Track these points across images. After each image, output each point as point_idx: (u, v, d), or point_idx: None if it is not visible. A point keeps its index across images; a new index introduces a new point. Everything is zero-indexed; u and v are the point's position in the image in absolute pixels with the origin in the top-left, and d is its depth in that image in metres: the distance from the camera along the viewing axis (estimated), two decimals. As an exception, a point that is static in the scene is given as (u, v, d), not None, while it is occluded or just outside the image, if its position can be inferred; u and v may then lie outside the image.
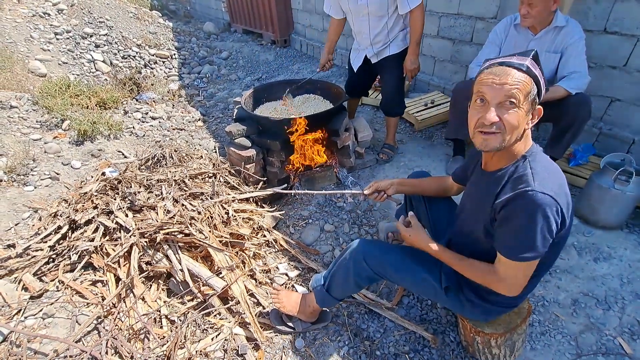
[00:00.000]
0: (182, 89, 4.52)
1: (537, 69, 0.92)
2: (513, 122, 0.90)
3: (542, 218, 0.88)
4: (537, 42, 1.91)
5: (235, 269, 1.66)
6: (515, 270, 0.97)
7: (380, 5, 1.98)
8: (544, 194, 0.87)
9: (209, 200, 1.88)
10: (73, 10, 5.35)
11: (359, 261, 1.24)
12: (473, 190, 1.17)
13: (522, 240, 0.92)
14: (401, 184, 1.46)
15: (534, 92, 0.91)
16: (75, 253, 1.77)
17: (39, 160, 2.73)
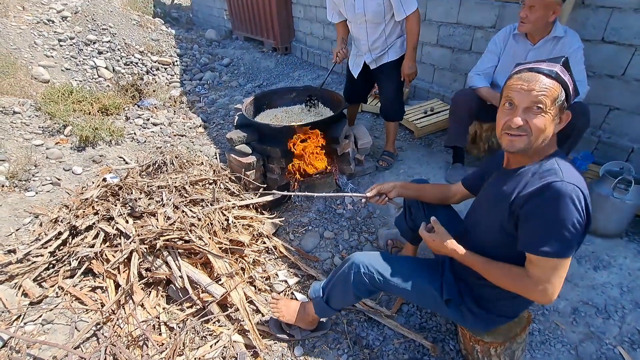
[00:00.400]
0: (184, 96, 4.56)
1: (567, 75, 0.93)
2: (540, 125, 0.92)
3: (574, 209, 0.85)
4: (536, 52, 1.92)
5: (234, 276, 1.66)
6: (549, 270, 0.91)
7: (377, 12, 2.03)
8: (573, 185, 0.86)
9: (209, 206, 1.88)
10: (77, 17, 5.41)
11: (359, 275, 1.22)
12: (489, 192, 1.14)
13: (553, 234, 0.87)
14: (403, 188, 1.46)
15: (561, 97, 0.92)
16: (76, 259, 1.77)
17: (41, 166, 2.75)
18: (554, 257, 0.89)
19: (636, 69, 2.03)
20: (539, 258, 0.91)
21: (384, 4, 2.00)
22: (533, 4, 1.74)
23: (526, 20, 1.80)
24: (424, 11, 3.09)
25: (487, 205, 1.13)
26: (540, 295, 0.94)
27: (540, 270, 0.92)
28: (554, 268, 0.91)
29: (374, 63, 2.28)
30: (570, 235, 0.87)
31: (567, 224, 0.86)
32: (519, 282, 0.97)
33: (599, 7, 2.07)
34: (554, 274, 0.91)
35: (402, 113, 2.47)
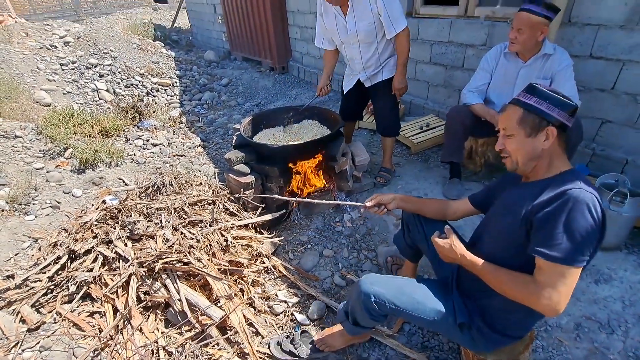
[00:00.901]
0: (183, 116, 4.62)
1: (532, 98, 1.00)
2: (511, 147, 1.06)
3: (589, 216, 0.86)
4: (527, 70, 1.97)
5: (233, 298, 1.65)
6: (557, 277, 0.88)
7: (369, 32, 2.08)
8: (592, 194, 0.88)
9: (208, 227, 1.89)
10: (79, 42, 5.55)
11: (369, 303, 1.20)
12: (503, 202, 1.15)
13: (566, 240, 0.87)
14: (403, 200, 1.47)
15: (528, 117, 1.00)
16: (74, 284, 1.76)
17: (41, 189, 2.76)
18: (563, 263, 0.88)
19: (625, 82, 2.08)
20: (548, 264, 0.90)
21: (374, 23, 2.06)
22: (520, 27, 1.81)
23: (515, 41, 1.86)
24: (417, 31, 3.18)
25: (500, 215, 1.13)
26: (546, 303, 0.90)
27: (548, 277, 0.90)
28: (562, 275, 0.88)
29: (368, 81, 2.33)
30: (582, 243, 0.86)
31: (581, 230, 0.86)
32: (525, 288, 0.94)
33: (585, 24, 2.14)
34: (562, 282, 0.89)
35: (398, 128, 2.51)
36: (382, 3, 1.95)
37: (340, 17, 2.10)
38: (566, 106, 0.98)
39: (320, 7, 2.19)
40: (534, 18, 1.75)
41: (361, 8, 2.01)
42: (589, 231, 0.86)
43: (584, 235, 0.86)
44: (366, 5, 1.99)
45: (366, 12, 2.01)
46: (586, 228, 0.86)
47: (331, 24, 2.18)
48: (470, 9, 2.78)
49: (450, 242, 1.15)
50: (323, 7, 2.17)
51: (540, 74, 1.95)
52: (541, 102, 0.99)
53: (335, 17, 2.13)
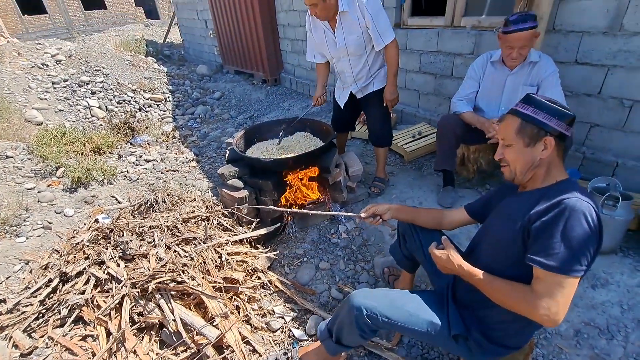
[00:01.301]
0: (176, 130, 4.62)
1: (529, 108, 1.01)
2: (510, 156, 1.07)
3: (586, 226, 0.86)
4: (514, 77, 2.01)
5: (229, 316, 1.62)
6: (555, 286, 0.88)
7: (358, 45, 2.11)
8: (588, 203, 0.88)
9: (201, 244, 1.87)
10: (71, 60, 5.56)
11: (361, 317, 1.17)
12: (500, 212, 1.16)
13: (562, 249, 0.87)
14: (398, 210, 1.47)
15: (526, 127, 1.01)
16: (65, 307, 1.72)
17: (32, 210, 2.73)
18: (560, 272, 0.87)
19: (610, 87, 2.11)
20: (546, 273, 0.89)
21: (363, 36, 2.08)
22: (524, 45, 1.83)
23: (519, 57, 1.89)
24: (405, 41, 3.23)
25: (497, 225, 1.13)
26: (544, 313, 0.89)
27: (545, 287, 0.89)
28: (560, 285, 0.88)
29: (360, 93, 2.35)
30: (580, 252, 0.86)
31: (578, 239, 0.86)
32: (523, 298, 0.93)
33: (569, 31, 2.18)
34: (560, 292, 0.88)
35: (391, 138, 2.52)
36: (370, 17, 1.97)
37: (329, 32, 2.13)
38: (564, 116, 0.98)
39: (309, 23, 2.22)
40: (531, 32, 1.80)
41: (349, 22, 2.04)
42: (586, 240, 0.86)
43: (581, 244, 0.86)
44: (354, 20, 2.01)
45: (354, 26, 2.03)
46: (583, 237, 0.86)
47: (321, 38, 2.20)
48: (456, 19, 2.84)
49: (447, 252, 1.15)
50: (312, 23, 2.20)
51: (527, 81, 1.98)
52: (538, 112, 0.99)
53: (324, 32, 2.16)
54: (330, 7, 1.96)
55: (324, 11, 1.96)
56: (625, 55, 2.00)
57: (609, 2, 1.98)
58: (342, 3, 1.96)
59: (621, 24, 1.96)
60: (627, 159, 2.16)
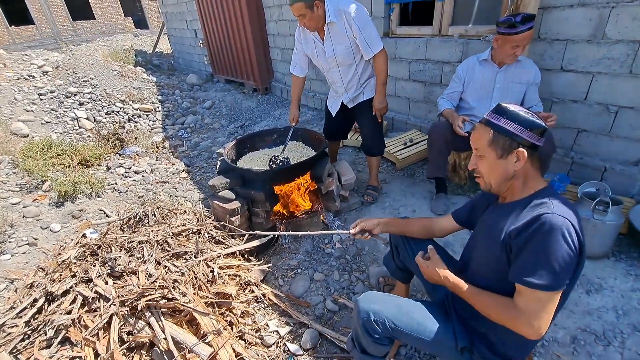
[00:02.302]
0: (166, 141, 4.57)
1: (502, 119, 0.99)
2: (483, 168, 1.06)
3: (563, 242, 0.86)
4: (504, 74, 2.10)
5: (222, 333, 1.58)
6: (536, 302, 0.90)
7: (347, 54, 2.13)
8: (564, 218, 0.88)
9: (192, 259, 1.82)
10: (58, 71, 5.48)
11: (369, 322, 1.15)
12: (484, 226, 1.15)
13: (542, 266, 0.88)
14: (388, 224, 1.46)
15: (499, 139, 0.99)
16: (52, 328, 1.66)
17: (17, 226, 2.65)
18: (541, 289, 0.89)
19: (596, 93, 2.15)
20: (527, 289, 0.91)
21: (351, 46, 2.10)
22: (526, 43, 1.93)
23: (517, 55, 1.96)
24: (394, 50, 3.26)
25: (482, 238, 1.13)
26: (526, 327, 0.91)
27: (527, 302, 0.92)
28: (541, 300, 0.90)
29: (351, 102, 2.37)
30: (559, 268, 0.87)
31: (556, 256, 0.87)
32: (507, 312, 0.95)
33: (554, 40, 2.23)
34: (541, 307, 0.90)
35: (383, 147, 2.53)
36: (357, 27, 1.99)
37: (319, 42, 2.15)
38: (536, 126, 0.97)
39: (299, 34, 2.24)
40: (530, 32, 1.88)
41: (337, 33, 2.06)
42: (565, 257, 0.87)
43: (560, 262, 0.87)
44: (342, 30, 2.03)
45: (342, 36, 2.06)
46: (560, 253, 0.87)
47: (311, 49, 2.23)
48: (444, 28, 2.88)
49: (433, 263, 1.15)
50: (302, 34, 2.22)
51: (515, 78, 2.08)
52: (510, 123, 0.98)
53: (314, 42, 2.18)
54: (319, 17, 1.98)
55: (312, 21, 1.98)
56: (609, 62, 2.04)
57: (591, 12, 2.02)
58: (329, 14, 1.98)
59: (604, 32, 2.01)
60: (615, 163, 2.20)
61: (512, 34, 1.87)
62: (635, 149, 2.11)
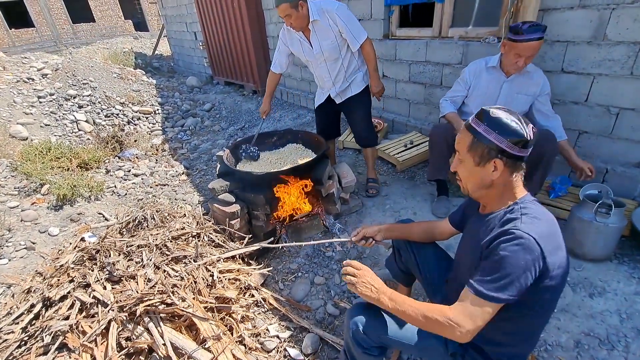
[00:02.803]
0: (166, 143, 4.56)
1: (482, 126, 0.95)
2: (461, 173, 1.05)
3: (520, 260, 0.85)
4: (510, 84, 2.04)
5: (222, 338, 1.56)
6: (473, 308, 0.90)
7: (333, 49, 2.23)
8: (529, 235, 0.86)
9: (192, 263, 1.81)
10: (57, 74, 5.48)
11: (357, 333, 1.13)
12: (469, 236, 1.15)
13: (489, 275, 0.89)
14: (389, 230, 1.45)
15: (478, 146, 0.96)
16: (49, 334, 1.64)
17: (15, 230, 2.63)
18: (474, 293, 0.90)
19: (597, 95, 2.14)
20: (466, 288, 0.93)
21: (337, 41, 2.21)
22: (532, 55, 1.84)
23: (522, 66, 1.89)
24: (394, 52, 3.25)
25: (466, 247, 1.13)
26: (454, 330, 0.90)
27: (464, 304, 0.92)
28: (472, 304, 0.90)
29: (338, 97, 2.46)
30: (503, 283, 0.87)
31: (506, 270, 0.86)
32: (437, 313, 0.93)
33: (554, 41, 2.22)
34: (469, 311, 0.90)
35: (376, 138, 2.63)
36: (342, 22, 2.12)
37: (305, 41, 2.26)
38: (517, 136, 0.91)
39: (284, 35, 2.34)
40: (539, 43, 1.80)
41: (322, 29, 2.17)
42: (514, 273, 0.86)
43: (506, 275, 0.86)
44: (327, 26, 2.15)
45: (328, 32, 2.17)
46: (511, 269, 0.86)
47: (298, 49, 2.33)
48: (444, 30, 2.87)
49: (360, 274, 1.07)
50: (288, 36, 2.32)
51: (522, 90, 2.02)
52: (490, 132, 0.93)
53: (300, 42, 2.28)
54: (304, 16, 2.09)
55: (299, 20, 2.08)
56: (610, 64, 2.03)
57: (592, 13, 2.02)
58: (312, 13, 2.11)
59: (604, 34, 2.00)
60: (616, 165, 2.18)
61: (517, 40, 1.81)
62: (637, 150, 2.10)
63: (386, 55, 3.35)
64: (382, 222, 2.40)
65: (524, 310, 0.96)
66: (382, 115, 3.68)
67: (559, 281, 0.94)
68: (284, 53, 2.40)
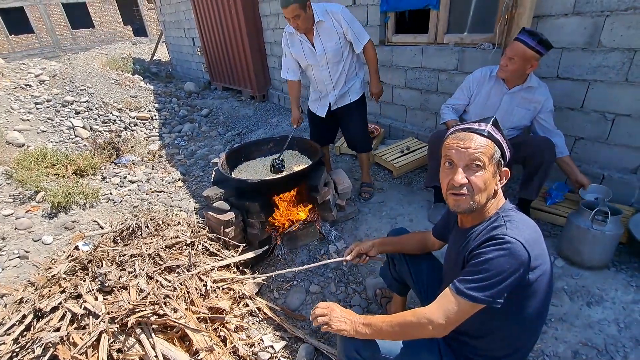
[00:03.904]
0: (163, 149, 4.54)
1: (498, 134, 0.96)
2: (479, 183, 0.94)
3: (505, 263, 0.85)
4: (511, 96, 2.00)
5: (214, 349, 1.53)
6: (449, 304, 0.90)
7: (336, 51, 2.23)
8: (516, 240, 0.86)
9: (185, 273, 1.79)
10: (55, 80, 5.48)
11: (350, 352, 1.10)
12: (452, 250, 1.14)
13: (470, 275, 0.89)
14: (382, 244, 1.44)
15: (497, 154, 0.95)
16: (40, 346, 1.61)
17: (9, 238, 2.61)
18: (454, 291, 0.90)
19: (592, 101, 2.14)
20: (447, 287, 0.93)
21: (340, 43, 2.22)
22: (513, 56, 1.82)
23: (505, 68, 1.89)
24: (390, 58, 3.26)
25: (450, 264, 1.12)
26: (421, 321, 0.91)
27: (443, 300, 0.92)
28: (450, 302, 0.90)
29: (335, 104, 2.46)
30: (484, 284, 0.86)
31: (489, 272, 0.86)
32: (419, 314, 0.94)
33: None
34: (444, 307, 0.91)
35: (370, 143, 2.68)
36: (347, 24, 2.15)
37: (307, 42, 2.24)
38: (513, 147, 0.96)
39: (286, 40, 2.32)
40: (528, 51, 1.77)
41: (326, 31, 2.18)
42: (497, 275, 0.85)
43: (488, 276, 0.86)
44: (331, 28, 2.16)
45: (332, 34, 2.18)
46: (495, 271, 0.85)
47: (298, 51, 2.30)
48: (439, 36, 2.88)
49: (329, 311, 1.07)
50: (289, 39, 2.30)
51: (523, 103, 1.98)
52: (504, 141, 0.96)
53: (301, 44, 2.27)
54: (310, 17, 2.10)
55: (305, 21, 2.08)
56: (605, 70, 2.03)
57: (586, 20, 2.02)
58: (317, 14, 2.13)
59: (599, 41, 2.00)
60: (613, 171, 2.18)
61: None
62: (633, 156, 2.09)
63: (382, 61, 3.35)
64: (378, 229, 2.40)
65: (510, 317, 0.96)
66: (379, 120, 3.67)
67: (544, 287, 0.93)
68: (290, 57, 2.37)
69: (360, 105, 2.47)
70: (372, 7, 3.24)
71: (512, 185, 2.57)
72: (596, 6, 1.96)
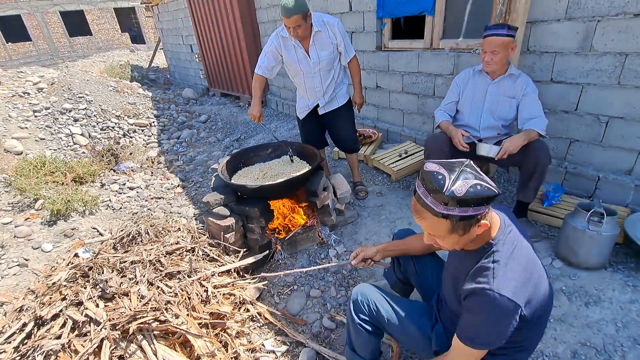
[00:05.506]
0: (162, 155, 4.55)
1: (455, 210, 0.87)
2: (446, 246, 1.01)
3: (498, 320, 0.91)
4: (496, 86, 2.09)
5: (216, 355, 1.54)
6: (467, 354, 0.99)
7: (329, 59, 2.36)
8: (502, 296, 0.88)
9: (186, 279, 1.79)
10: (53, 88, 5.49)
11: (356, 302, 1.28)
12: (447, 272, 1.18)
13: (478, 334, 0.95)
14: (386, 250, 1.47)
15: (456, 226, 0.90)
16: (41, 353, 1.61)
17: (8, 246, 2.60)
18: (472, 347, 0.97)
19: (586, 104, 2.17)
20: (460, 342, 0.99)
21: (333, 53, 2.35)
22: (495, 49, 1.92)
23: (491, 62, 1.97)
24: (387, 63, 3.30)
25: (448, 278, 1.15)
26: None
27: (458, 350, 1.01)
28: (470, 354, 0.98)
29: (323, 109, 2.56)
30: (491, 339, 0.94)
31: (488, 331, 0.94)
32: None
33: (543, 52, 2.26)
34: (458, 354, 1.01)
35: (358, 143, 2.81)
36: (341, 36, 2.30)
37: (301, 49, 2.31)
38: (491, 199, 0.88)
39: (278, 42, 2.33)
40: (505, 39, 1.89)
41: (322, 40, 2.28)
42: (499, 330, 0.92)
43: (493, 334, 0.93)
44: (326, 38, 2.28)
45: (327, 43, 2.30)
46: (496, 328, 0.92)
47: (291, 56, 2.35)
48: (435, 41, 2.92)
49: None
50: (282, 43, 2.34)
51: (508, 93, 2.07)
52: (466, 209, 0.87)
53: (295, 49, 2.32)
54: (309, 26, 2.19)
55: (305, 31, 2.15)
56: (597, 73, 2.07)
57: (578, 25, 2.06)
58: (315, 24, 2.22)
59: (591, 45, 2.04)
60: (608, 172, 2.21)
61: (483, 37, 1.95)
62: (627, 158, 2.12)
63: (379, 67, 3.39)
64: (377, 232, 2.41)
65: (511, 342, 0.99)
66: (376, 125, 3.70)
67: (541, 314, 0.98)
68: (272, 57, 2.36)
69: (347, 108, 2.61)
70: (369, 13, 3.29)
71: (510, 188, 2.60)
72: (588, 11, 2.01)
